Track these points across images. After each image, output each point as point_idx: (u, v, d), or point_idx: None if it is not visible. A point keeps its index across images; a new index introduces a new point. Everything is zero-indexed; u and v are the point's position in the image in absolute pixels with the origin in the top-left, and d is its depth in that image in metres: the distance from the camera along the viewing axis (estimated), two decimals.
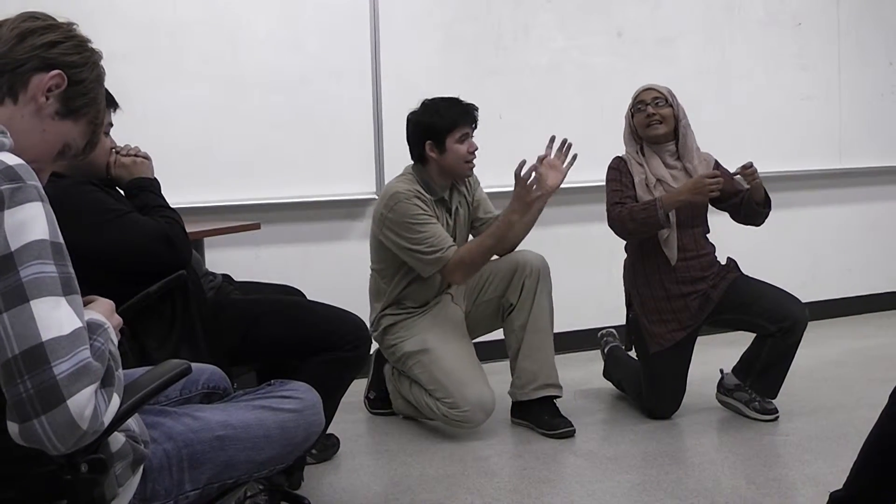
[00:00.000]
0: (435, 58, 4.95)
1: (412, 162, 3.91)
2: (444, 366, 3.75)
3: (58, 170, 2.63)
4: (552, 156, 3.73)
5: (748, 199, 3.89)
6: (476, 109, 3.84)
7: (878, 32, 6.01)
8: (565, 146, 3.75)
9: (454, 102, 3.83)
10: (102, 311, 1.67)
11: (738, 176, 3.81)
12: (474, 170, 3.89)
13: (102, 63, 1.76)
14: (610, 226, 3.87)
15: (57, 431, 1.39)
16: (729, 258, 3.99)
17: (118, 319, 1.75)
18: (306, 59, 4.68)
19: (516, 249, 3.92)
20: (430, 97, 3.87)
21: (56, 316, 1.41)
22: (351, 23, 4.77)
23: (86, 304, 1.64)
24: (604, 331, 4.54)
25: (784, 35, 5.74)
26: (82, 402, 1.40)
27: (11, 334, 1.38)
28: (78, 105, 1.69)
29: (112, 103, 2.74)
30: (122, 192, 2.86)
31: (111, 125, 2.77)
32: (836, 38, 5.88)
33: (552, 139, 3.76)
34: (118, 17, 4.33)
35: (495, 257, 3.89)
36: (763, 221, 3.98)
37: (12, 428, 1.41)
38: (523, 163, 3.62)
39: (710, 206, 3.94)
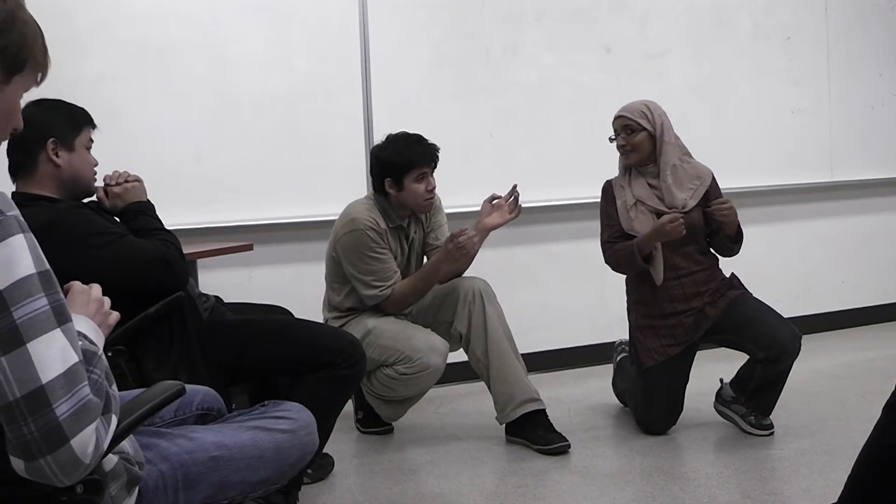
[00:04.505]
0: (425, 76, 4.96)
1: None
2: (388, 333, 3.82)
3: (48, 193, 2.67)
4: (504, 201, 3.94)
5: (720, 232, 3.91)
6: (437, 150, 3.87)
7: (866, 44, 6.03)
8: (513, 194, 3.92)
9: (415, 141, 3.85)
10: (86, 310, 1.69)
11: (712, 208, 3.82)
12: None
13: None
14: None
15: (63, 469, 1.41)
16: (732, 274, 3.99)
17: (108, 310, 1.76)
18: (296, 78, 4.69)
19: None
20: (394, 132, 3.90)
21: (53, 355, 1.41)
22: (341, 42, 4.78)
23: (65, 291, 1.63)
24: (620, 340, 4.48)
25: (773, 49, 5.76)
26: (85, 439, 1.42)
27: (11, 378, 1.38)
28: (18, 59, 1.55)
29: (89, 122, 2.77)
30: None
31: (92, 141, 2.80)
32: (825, 51, 5.90)
33: (514, 187, 3.92)
34: (108, 38, 4.34)
35: None
36: (733, 255, 4.00)
37: (17, 464, 1.42)
38: (464, 230, 3.74)
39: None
